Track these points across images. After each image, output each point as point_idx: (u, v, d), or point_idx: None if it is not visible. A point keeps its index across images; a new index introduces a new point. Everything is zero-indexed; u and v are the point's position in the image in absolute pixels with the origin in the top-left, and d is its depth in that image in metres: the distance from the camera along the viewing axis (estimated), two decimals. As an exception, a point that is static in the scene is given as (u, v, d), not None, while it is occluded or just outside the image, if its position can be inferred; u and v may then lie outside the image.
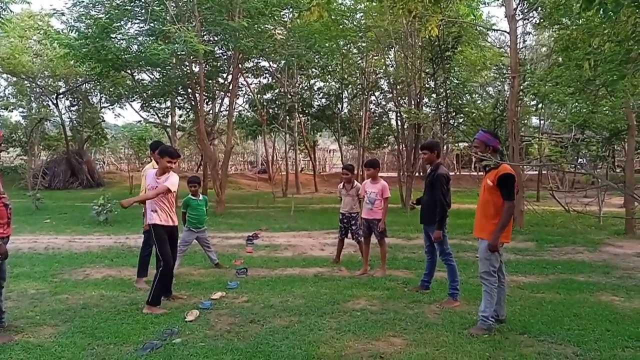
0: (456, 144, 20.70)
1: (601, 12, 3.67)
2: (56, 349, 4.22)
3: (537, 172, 20.30)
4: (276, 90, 23.64)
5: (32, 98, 25.64)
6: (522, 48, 16.70)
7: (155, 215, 5.43)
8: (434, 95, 17.58)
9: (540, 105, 15.31)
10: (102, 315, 5.13)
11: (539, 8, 11.91)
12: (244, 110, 24.82)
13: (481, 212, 4.81)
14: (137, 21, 15.40)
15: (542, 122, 19.17)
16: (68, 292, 6.03)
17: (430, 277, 6.12)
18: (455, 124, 17.26)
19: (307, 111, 25.36)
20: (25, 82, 24.17)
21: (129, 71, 16.20)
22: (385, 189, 6.98)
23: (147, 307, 5.25)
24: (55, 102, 25.36)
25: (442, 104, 16.17)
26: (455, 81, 16.03)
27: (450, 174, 6.30)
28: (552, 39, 14.21)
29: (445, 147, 17.53)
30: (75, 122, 26.86)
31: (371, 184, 7.08)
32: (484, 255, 4.69)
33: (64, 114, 26.10)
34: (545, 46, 19.24)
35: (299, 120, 24.95)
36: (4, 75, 24.62)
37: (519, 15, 12.21)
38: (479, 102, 18.33)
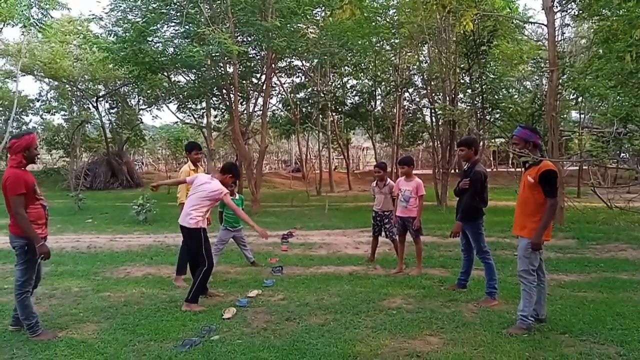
0: (493, 140, 20.34)
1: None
2: (99, 345, 4.35)
3: (577, 168, 19.75)
4: (309, 89, 23.74)
5: (73, 101, 26.48)
6: (560, 41, 16.25)
7: (200, 220, 5.57)
8: (469, 91, 17.29)
9: (580, 99, 14.91)
10: (142, 312, 5.25)
11: (578, -1, 11.59)
12: (277, 110, 25.02)
13: (521, 209, 4.70)
14: (173, 24, 15.71)
15: (582, 116, 18.67)
16: (110, 290, 6.20)
17: (468, 276, 6.03)
18: (492, 119, 16.93)
19: (340, 109, 25.36)
20: (67, 86, 24.98)
21: (165, 73, 16.54)
22: (420, 187, 6.92)
23: (185, 304, 5.36)
24: (95, 104, 26.13)
25: (477, 99, 15.91)
26: (491, 76, 15.74)
27: (487, 170, 6.19)
28: (592, 30, 13.79)
29: (481, 144, 17.24)
30: (114, 124, 27.60)
31: (405, 182, 7.02)
32: (523, 253, 4.59)
33: (103, 116, 26.90)
34: (584, 38, 18.70)
35: (332, 119, 24.98)
36: (46, 80, 25.52)
37: (556, 7, 11.90)
38: (515, 96, 17.92)
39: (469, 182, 5.65)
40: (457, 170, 23.96)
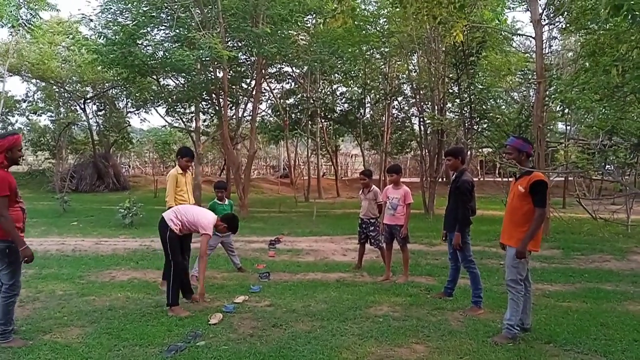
0: (480, 150, 20.49)
1: (629, 18, 3.62)
2: (83, 350, 4.30)
3: (563, 179, 19.96)
4: (299, 96, 23.80)
5: (60, 103, 26.29)
6: (547, 53, 16.48)
7: (172, 224, 5.52)
8: (457, 101, 17.44)
9: (566, 111, 15.06)
10: (127, 317, 5.21)
11: (566, 13, 11.76)
12: (266, 115, 25.02)
13: (509, 218, 4.75)
14: (163, 28, 15.68)
15: (568, 127, 18.87)
16: (95, 294, 6.14)
17: (454, 284, 6.06)
18: (479, 129, 17.09)
19: (329, 116, 25.44)
20: (54, 87, 24.80)
21: (154, 77, 16.48)
22: (408, 195, 6.95)
23: (169, 309, 5.33)
24: (82, 106, 25.94)
25: (465, 109, 16.04)
26: (480, 86, 15.89)
27: (474, 179, 6.24)
28: (579, 44, 14.00)
29: (469, 153, 17.37)
30: (102, 126, 27.41)
31: (393, 190, 7.05)
32: (511, 262, 4.62)
33: (91, 118, 26.71)
34: (571, 51, 18.95)
35: (321, 125, 25.03)
36: (34, 81, 25.33)
37: (544, 20, 12.06)
38: (503, 107, 18.14)
39: (454, 192, 5.75)
40: (444, 179, 24.11)
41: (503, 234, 4.82)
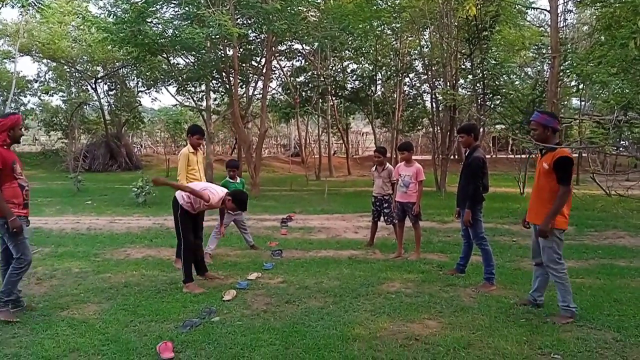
0: (493, 126, 20.31)
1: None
2: (100, 325, 4.38)
3: (577, 155, 19.76)
4: (309, 73, 23.59)
5: (71, 83, 26.31)
6: (563, 27, 16.17)
7: (189, 204, 5.56)
8: (470, 77, 17.24)
9: (581, 86, 14.85)
10: (143, 293, 5.29)
11: (582, -15, 11.50)
12: (277, 94, 24.89)
13: (536, 196, 4.64)
14: (172, 5, 15.54)
15: (583, 103, 18.63)
16: (110, 271, 6.24)
17: (466, 261, 6.06)
18: (492, 105, 16.90)
19: (340, 94, 25.24)
20: (65, 67, 24.80)
21: (164, 55, 16.41)
22: (420, 172, 6.93)
23: (184, 286, 5.41)
24: (94, 86, 25.98)
25: (478, 85, 15.87)
26: (493, 62, 15.67)
27: (487, 156, 6.18)
28: (595, 17, 13.70)
29: (482, 130, 17.22)
30: (113, 106, 27.46)
31: (405, 167, 7.02)
32: (545, 243, 4.50)
33: (102, 98, 26.74)
34: (587, 25, 18.58)
35: (332, 103, 24.89)
36: (45, 61, 25.34)
37: (560, -8, 11.80)
38: (517, 83, 17.88)
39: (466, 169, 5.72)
40: (456, 156, 23.95)
41: (530, 212, 4.73)
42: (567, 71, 12.40)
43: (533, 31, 18.13)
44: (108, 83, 27.03)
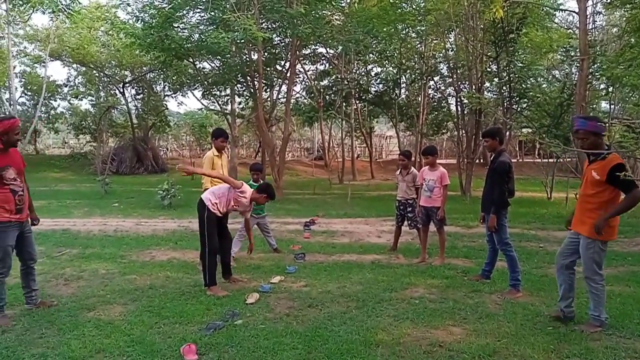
0: (520, 130, 20.01)
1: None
2: (125, 327, 4.44)
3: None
4: (333, 77, 23.61)
5: (100, 87, 26.84)
6: (591, 29, 15.85)
7: (215, 206, 5.59)
8: (496, 80, 17.02)
9: (610, 89, 14.54)
10: (167, 295, 5.34)
11: (611, -14, 11.27)
12: (301, 97, 24.97)
13: (582, 205, 4.43)
14: (199, 10, 15.74)
15: (612, 106, 18.22)
16: (136, 273, 6.32)
17: (492, 267, 5.97)
18: (519, 109, 16.66)
19: (364, 97, 25.19)
20: (94, 71, 25.33)
21: (190, 60, 16.65)
22: (445, 176, 6.86)
23: (207, 289, 5.46)
24: (121, 90, 26.46)
25: (504, 88, 15.66)
26: (519, 64, 15.46)
27: (513, 160, 6.10)
28: (624, 19, 13.40)
29: (508, 134, 16.99)
30: (140, 109, 27.90)
31: (429, 172, 6.96)
32: (584, 254, 4.33)
33: (130, 102, 27.20)
34: (616, 26, 18.18)
35: (355, 107, 24.84)
36: (74, 65, 25.91)
37: (589, -6, 11.59)
38: (544, 85, 17.61)
39: (491, 173, 5.63)
40: (481, 160, 23.66)
41: (575, 222, 4.52)
42: (596, 74, 12.17)
43: (561, 33, 17.83)
44: (135, 87, 27.49)
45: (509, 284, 5.51)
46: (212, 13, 14.36)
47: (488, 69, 16.61)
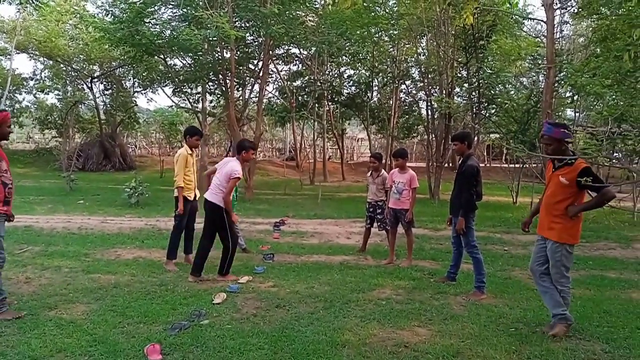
0: (488, 135, 20.39)
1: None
2: (88, 326, 4.35)
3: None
4: (306, 78, 23.61)
5: (67, 81, 26.18)
6: (558, 38, 16.28)
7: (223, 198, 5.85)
8: (466, 85, 17.29)
9: (575, 97, 14.94)
10: (132, 295, 5.26)
11: (578, -3, 11.60)
12: (273, 97, 24.90)
13: (548, 210, 4.45)
14: (171, 6, 15.53)
15: (577, 114, 18.74)
16: (100, 272, 6.20)
17: (457, 269, 6.07)
18: (487, 114, 16.97)
19: (336, 99, 25.26)
20: (61, 65, 24.69)
21: (161, 56, 16.39)
22: (414, 179, 6.93)
23: (218, 276, 6.00)
24: (89, 85, 25.87)
25: (474, 94, 15.92)
26: (489, 71, 15.73)
27: (481, 165, 6.21)
28: (590, 29, 13.81)
29: (476, 138, 17.29)
30: (108, 105, 27.35)
31: (399, 174, 7.03)
32: (552, 257, 4.39)
33: (98, 97, 26.62)
34: (582, 36, 18.73)
35: (327, 108, 24.88)
36: (41, 59, 25.22)
37: (556, 4, 11.92)
38: (512, 92, 17.96)
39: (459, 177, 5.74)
40: (450, 164, 24.00)
41: (541, 226, 4.55)
42: (562, 82, 12.48)
43: (529, 41, 18.26)
44: (104, 82, 26.93)
45: (474, 285, 5.61)
46: (185, 10, 14.20)
47: (458, 75, 16.89)
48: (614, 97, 13.28)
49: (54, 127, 27.76)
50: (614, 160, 8.80)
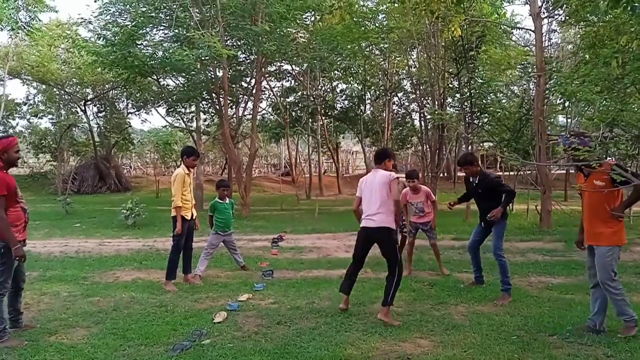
0: (481, 144, 20.49)
1: (629, 9, 3.61)
2: (89, 350, 4.32)
3: (564, 172, 19.95)
4: (299, 93, 23.78)
5: (60, 105, 26.27)
6: (547, 46, 16.46)
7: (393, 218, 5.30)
8: (457, 95, 17.39)
9: (566, 104, 15.03)
10: (132, 317, 5.23)
11: (565, 5, 11.72)
12: (267, 114, 25.00)
13: (593, 217, 4.52)
14: (162, 28, 15.66)
15: (569, 120, 18.86)
16: (99, 295, 6.17)
17: (481, 271, 6.38)
18: (480, 123, 17.08)
19: (329, 113, 25.41)
20: (54, 89, 24.78)
21: (154, 77, 16.48)
22: (429, 194, 7.27)
23: (383, 311, 4.95)
24: (83, 108, 25.92)
25: (466, 103, 16.02)
26: (480, 81, 15.85)
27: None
28: (579, 36, 13.98)
29: (470, 147, 17.38)
30: (102, 127, 27.40)
31: (413, 195, 7.24)
32: (602, 261, 4.44)
33: (92, 120, 26.69)
34: (571, 44, 18.93)
35: (321, 123, 25.01)
36: (34, 84, 25.31)
37: (544, 12, 12.05)
38: (503, 101, 18.08)
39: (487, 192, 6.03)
40: (445, 174, 24.10)
41: (589, 235, 4.62)
42: (553, 89, 12.57)
43: (518, 51, 18.44)
44: (97, 105, 27.00)
45: (500, 289, 5.76)
46: (177, 30, 14.30)
47: (450, 85, 17.00)
48: (604, 102, 13.38)
49: (49, 151, 27.76)
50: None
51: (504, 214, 5.92)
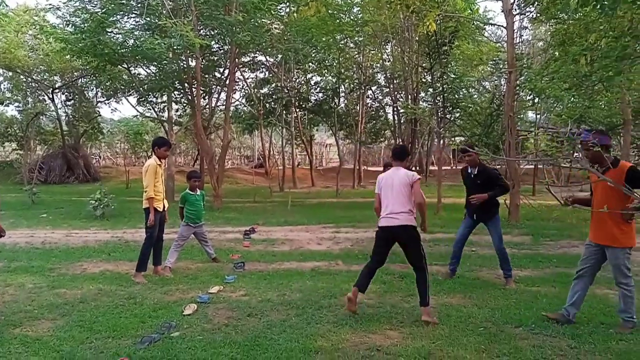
0: (453, 139, 20.76)
1: (598, 7, 3.69)
2: (54, 343, 4.24)
3: (533, 167, 20.37)
4: (273, 85, 23.64)
5: (27, 92, 25.56)
6: (518, 43, 16.72)
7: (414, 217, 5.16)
8: (430, 90, 17.56)
9: (536, 100, 15.34)
10: (99, 309, 5.15)
11: (536, 3, 11.93)
12: (240, 105, 24.81)
13: (601, 217, 4.56)
14: (133, 15, 15.31)
15: (538, 116, 19.24)
16: (65, 286, 6.04)
17: (458, 265, 6.56)
18: (452, 118, 17.29)
19: (303, 105, 25.35)
20: (21, 76, 24.08)
21: (125, 66, 16.15)
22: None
23: (425, 313, 4.77)
24: (51, 96, 25.27)
25: (438, 98, 16.19)
26: (452, 76, 16.03)
27: (446, 168, 6.43)
28: (549, 33, 14.24)
29: (442, 142, 17.58)
30: (71, 116, 26.79)
31: None
32: (615, 262, 4.55)
33: (60, 108, 26.02)
34: (542, 41, 19.28)
35: (295, 115, 24.95)
36: (0, 70, 24.51)
37: (515, 9, 12.23)
38: (475, 96, 18.36)
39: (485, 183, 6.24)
40: (417, 168, 24.32)
41: (599, 235, 4.68)
42: (523, 85, 12.81)
43: (490, 47, 18.69)
44: (66, 93, 26.34)
45: (504, 276, 6.20)
46: (148, 18, 14.02)
47: (423, 80, 17.15)
48: (572, 99, 13.68)
49: (15, 140, 27.02)
50: (574, 161, 9.08)
51: (495, 207, 6.23)
